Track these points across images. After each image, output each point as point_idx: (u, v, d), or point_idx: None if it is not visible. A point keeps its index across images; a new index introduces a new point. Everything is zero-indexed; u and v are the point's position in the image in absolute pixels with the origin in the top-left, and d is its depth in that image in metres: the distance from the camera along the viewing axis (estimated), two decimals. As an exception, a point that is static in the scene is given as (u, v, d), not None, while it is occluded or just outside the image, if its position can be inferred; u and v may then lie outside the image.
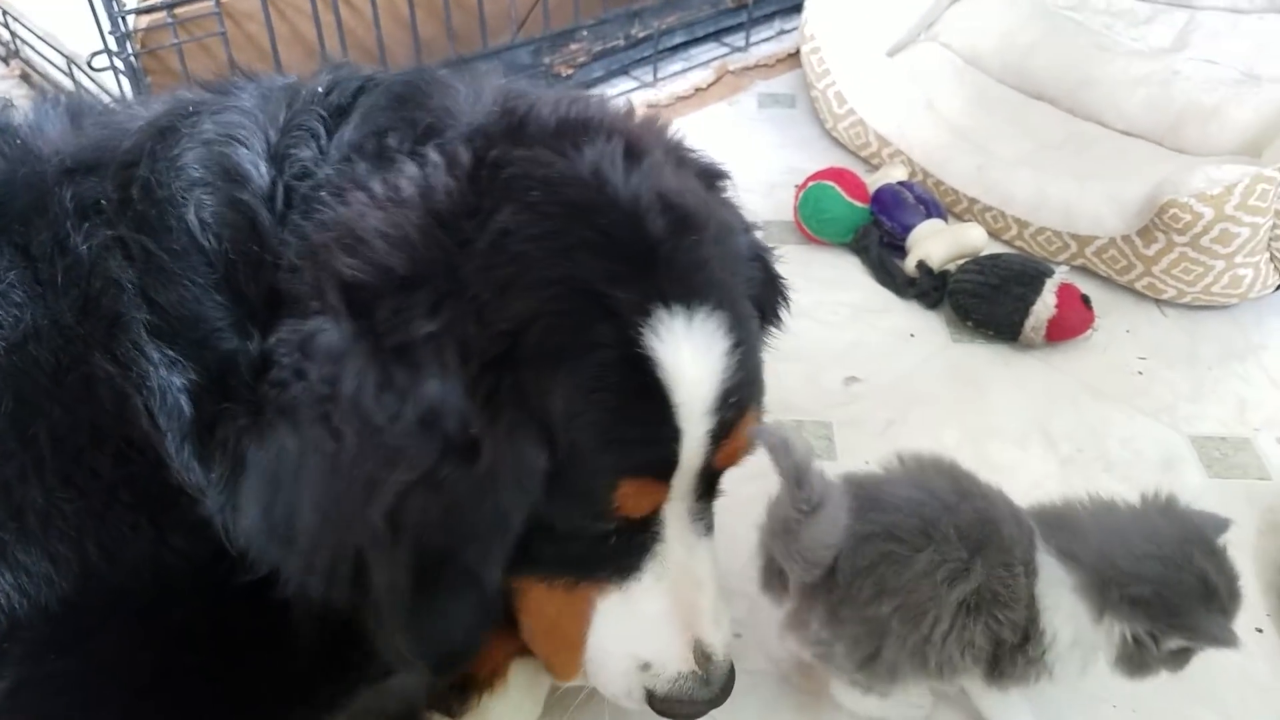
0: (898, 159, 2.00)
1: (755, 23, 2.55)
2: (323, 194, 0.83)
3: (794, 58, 2.30)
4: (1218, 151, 1.84)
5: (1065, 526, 1.02)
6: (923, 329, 1.67)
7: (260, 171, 0.85)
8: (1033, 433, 1.46)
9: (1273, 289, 1.65)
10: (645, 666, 0.92)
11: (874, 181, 1.89)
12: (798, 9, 2.23)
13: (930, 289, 1.70)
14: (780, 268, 1.05)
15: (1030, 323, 1.57)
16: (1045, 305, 1.56)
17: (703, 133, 2.20)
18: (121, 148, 0.87)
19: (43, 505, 0.80)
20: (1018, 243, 1.84)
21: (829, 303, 1.70)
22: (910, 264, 1.74)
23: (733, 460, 0.89)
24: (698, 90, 2.38)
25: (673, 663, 0.91)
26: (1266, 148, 1.73)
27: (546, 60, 2.29)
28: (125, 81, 1.87)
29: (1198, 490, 1.37)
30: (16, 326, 0.80)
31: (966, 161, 1.93)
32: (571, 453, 0.79)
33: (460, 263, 0.77)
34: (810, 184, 1.84)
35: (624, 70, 2.41)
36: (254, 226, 0.83)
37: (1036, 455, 1.43)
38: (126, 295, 0.82)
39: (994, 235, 1.83)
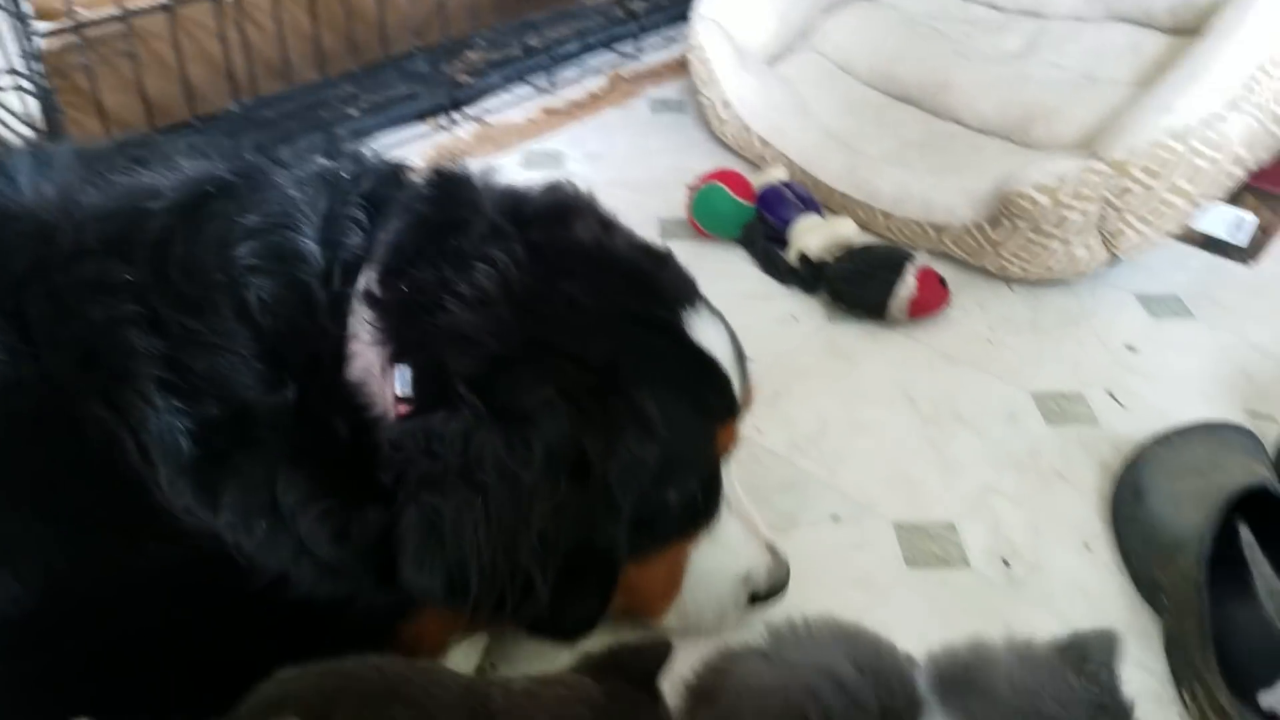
0: (779, 160, 2.19)
1: (645, 31, 2.72)
2: (399, 280, 0.97)
3: (682, 65, 2.47)
4: (1061, 146, 2.09)
5: (972, 685, 0.86)
6: (803, 312, 1.86)
7: (316, 255, 0.97)
8: (897, 396, 1.67)
9: (1107, 264, 1.89)
10: (745, 578, 1.16)
11: (758, 181, 2.07)
12: (685, 18, 2.39)
13: (809, 277, 1.90)
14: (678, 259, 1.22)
15: (895, 302, 1.77)
16: (907, 287, 1.77)
17: (599, 137, 2.39)
18: (150, 228, 0.94)
19: (17, 533, 0.89)
20: (885, 233, 2.05)
21: (721, 292, 1.82)
22: (792, 255, 1.93)
23: (750, 397, 1.17)
24: (593, 96, 2.54)
25: (761, 565, 1.17)
26: (1095, 142, 1.97)
27: (445, 69, 2.40)
28: (32, 102, 1.92)
29: (1037, 436, 1.59)
30: None
31: (839, 161, 2.13)
32: (678, 434, 1.00)
33: (551, 335, 0.95)
34: (701, 185, 2.02)
35: (521, 78, 2.54)
36: (309, 303, 0.96)
37: (900, 415, 1.63)
38: (140, 358, 0.89)
39: (864, 227, 2.03)
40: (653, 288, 1.05)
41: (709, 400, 1.07)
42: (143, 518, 0.91)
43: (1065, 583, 1.35)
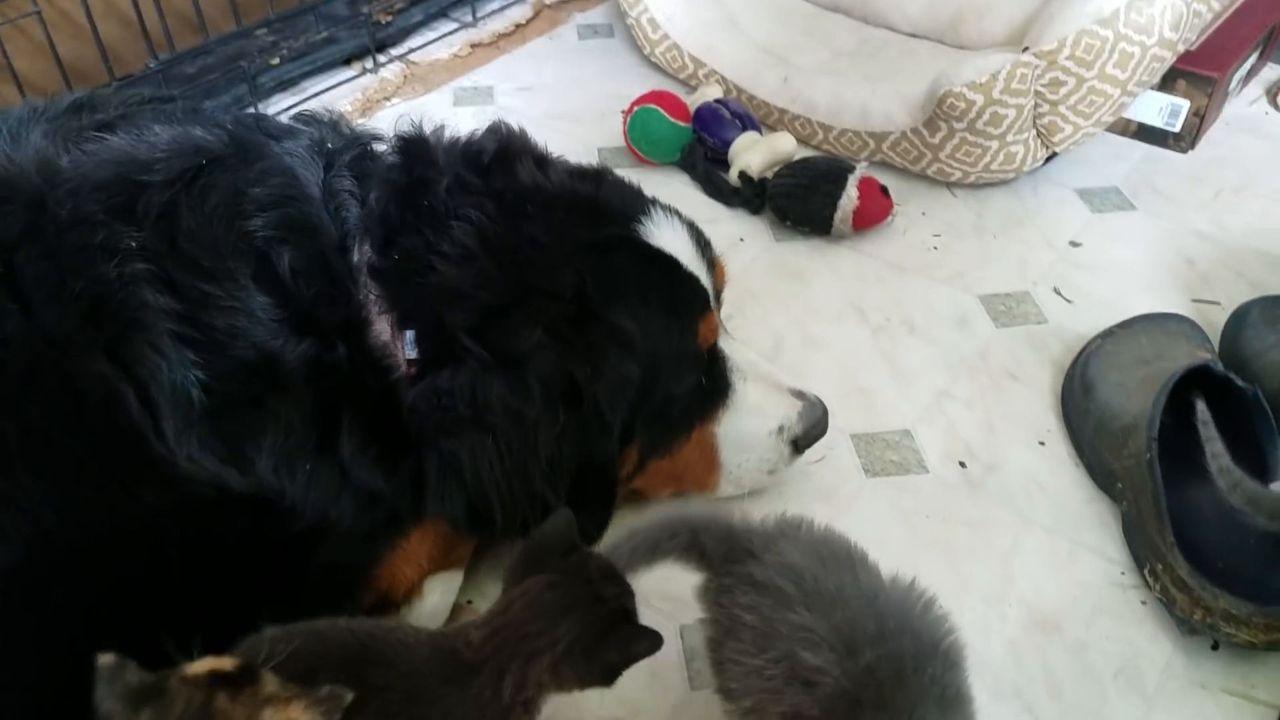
0: (712, 79, 2.16)
1: (567, -44, 2.64)
2: (391, 250, 1.05)
3: (607, -11, 2.41)
4: (992, 44, 2.08)
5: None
6: (749, 233, 1.84)
7: (330, 228, 1.05)
8: (847, 310, 1.67)
9: (1043, 161, 1.89)
10: (780, 430, 1.25)
11: (693, 101, 2.04)
12: (606, -59, 2.33)
13: (752, 196, 1.88)
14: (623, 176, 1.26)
15: (838, 215, 1.76)
16: (849, 199, 1.76)
17: (529, 69, 2.33)
18: (153, 200, 0.98)
19: (4, 490, 0.88)
20: (824, 146, 2.03)
21: None
22: (733, 175, 1.91)
23: (723, 279, 1.26)
24: (518, 27, 2.47)
25: (792, 411, 1.26)
26: (1025, 36, 1.96)
27: (365, 10, 2.33)
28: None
29: (987, 338, 1.60)
30: None
31: (772, 75, 2.10)
32: (657, 340, 1.09)
33: (528, 277, 1.03)
34: (636, 109, 1.98)
35: (443, 13, 2.47)
36: (331, 273, 1.03)
37: (851, 328, 1.63)
38: (153, 313, 0.92)
39: (803, 141, 2.01)
40: (598, 209, 1.12)
41: (681, 298, 1.15)
42: (138, 468, 0.92)
43: (1022, 479, 1.37)
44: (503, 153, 1.15)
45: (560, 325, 1.02)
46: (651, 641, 0.89)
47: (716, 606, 0.94)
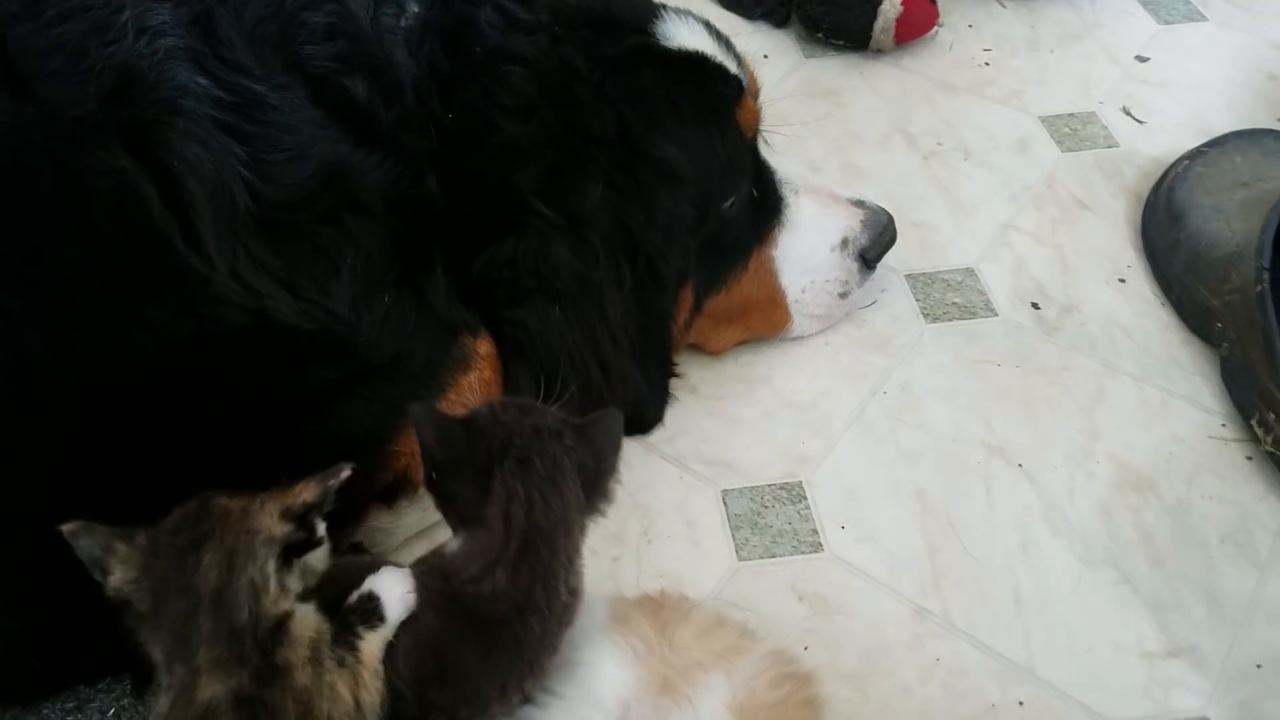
0: (724, -126, 1.88)
1: None
2: (449, 104, 0.95)
3: None
4: None
5: None
6: (774, 49, 1.61)
7: (407, 68, 0.94)
8: (893, 134, 1.46)
9: (1104, -35, 1.66)
10: (844, 244, 1.12)
11: (704, -101, 1.77)
12: None
13: (777, 5, 1.64)
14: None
15: (879, 24, 1.53)
16: (892, 5, 1.53)
17: None
18: (181, 10, 0.82)
19: None
20: (856, -50, 1.78)
21: None
22: (753, -18, 1.66)
23: (754, 80, 1.12)
24: None
25: (854, 220, 1.13)
26: None
27: None
28: None
29: (1052, 164, 1.41)
30: None
31: None
32: (702, 153, 1.00)
33: (581, 120, 0.95)
34: (638, -92, 1.71)
35: None
36: (404, 105, 0.92)
37: (899, 154, 1.43)
38: (194, 96, 0.78)
39: (832, -56, 1.75)
40: (614, 21, 1.02)
41: (714, 93, 1.04)
42: (156, 283, 0.75)
43: (1103, 321, 1.20)
44: None
45: (615, 174, 0.95)
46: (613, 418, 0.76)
47: None
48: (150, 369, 0.75)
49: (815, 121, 1.48)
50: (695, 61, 1.03)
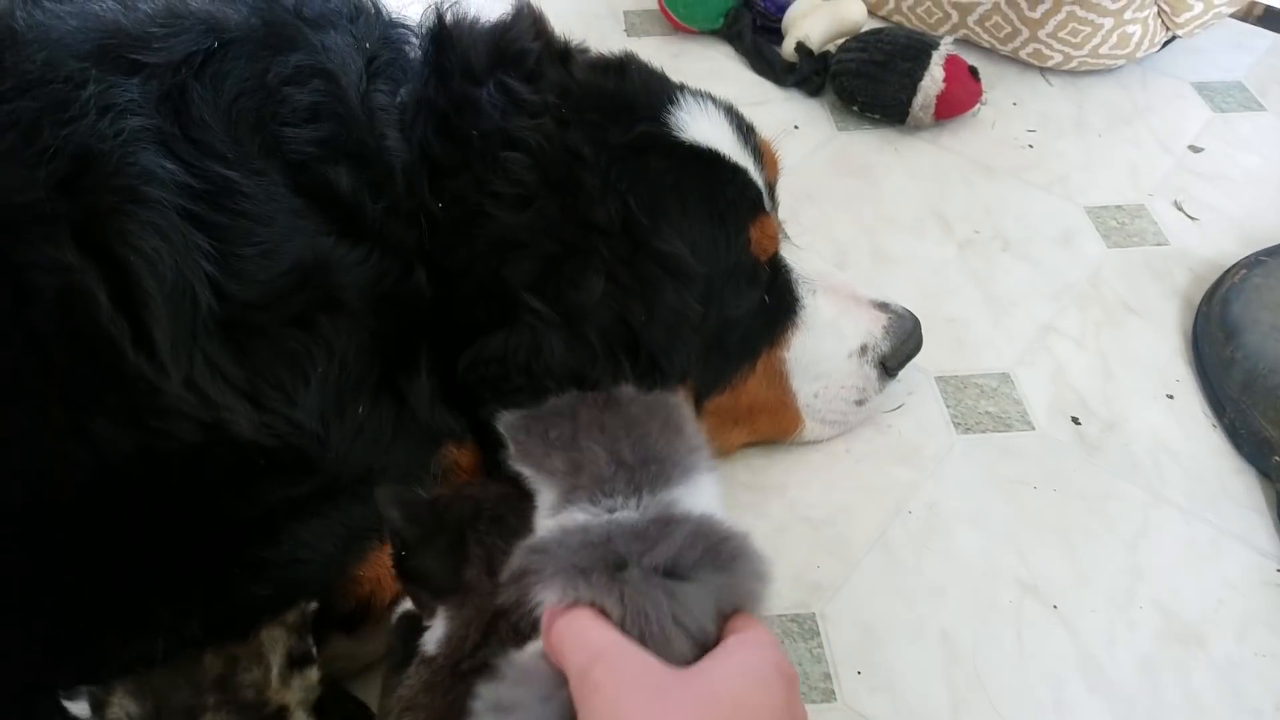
0: (762, -70, 1.81)
1: None
2: (439, 193, 0.87)
3: None
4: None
5: None
6: (806, 119, 1.54)
7: (378, 156, 0.85)
8: (927, 218, 1.38)
9: (1159, 46, 1.58)
10: (862, 350, 1.04)
11: (740, -44, 1.71)
12: None
13: (811, 74, 1.56)
14: (648, 61, 1.04)
15: (919, 100, 1.45)
16: (933, 80, 1.45)
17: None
18: (153, 86, 0.75)
19: None
20: (895, 16, 1.70)
21: None
22: (788, 48, 1.59)
23: (775, 169, 1.05)
24: None
25: (875, 325, 1.05)
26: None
27: None
28: None
29: (1097, 260, 1.32)
30: None
31: (836, -72, 1.76)
32: (708, 256, 0.92)
33: (583, 211, 0.87)
34: (672, -37, 1.65)
35: None
36: (393, 193, 0.84)
37: (933, 240, 1.34)
38: (158, 183, 0.71)
39: (870, 10, 1.68)
40: (626, 105, 0.94)
41: (726, 199, 0.96)
42: (98, 394, 0.68)
43: (1149, 443, 1.11)
44: (543, 53, 0.97)
45: (616, 268, 0.87)
46: None
47: None
48: (87, 490, 0.67)
49: (845, 201, 1.40)
50: (709, 158, 0.95)
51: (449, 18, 0.95)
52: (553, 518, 0.63)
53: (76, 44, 0.74)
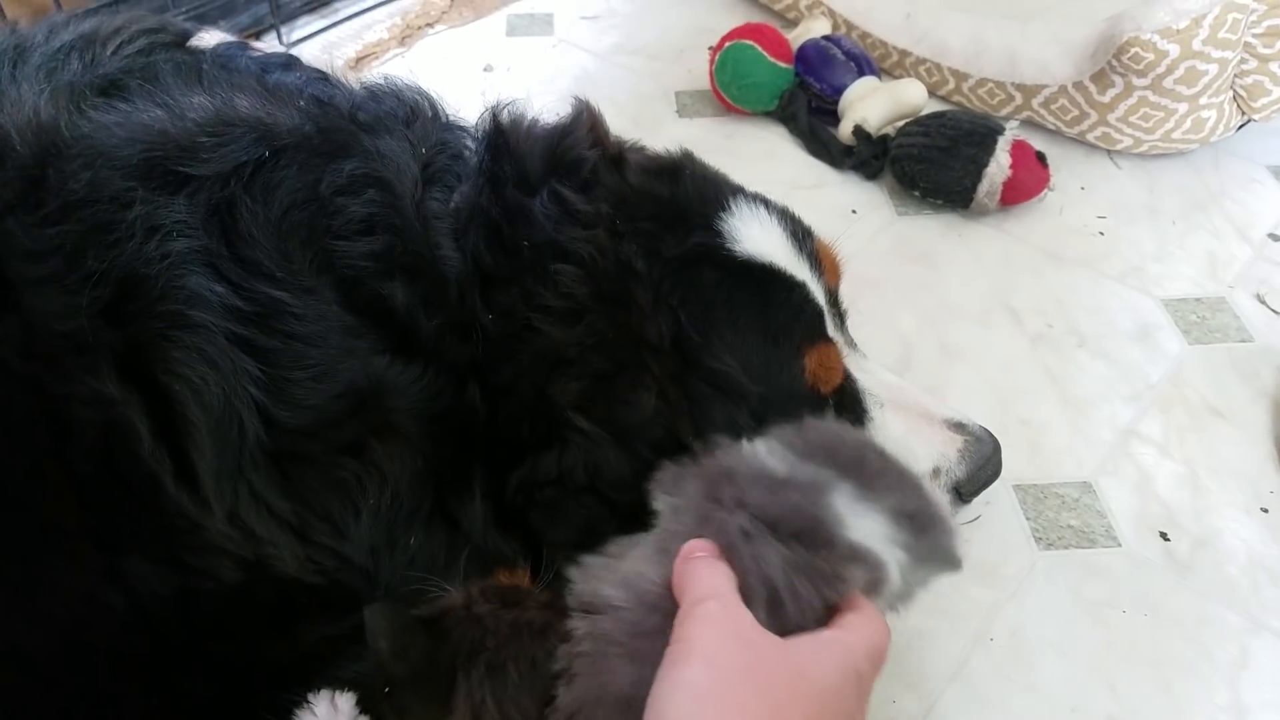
0: (817, 10, 1.79)
1: None
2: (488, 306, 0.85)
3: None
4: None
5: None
6: (864, 203, 1.49)
7: (434, 267, 0.83)
8: (995, 309, 1.32)
9: (1234, 130, 1.52)
10: (934, 474, 0.96)
11: (796, 38, 1.68)
12: None
13: (870, 157, 1.52)
14: (701, 143, 1.01)
15: (984, 187, 1.41)
16: (999, 166, 1.40)
17: (598, -6, 1.98)
18: (200, 199, 0.73)
19: None
20: (955, 98, 1.66)
21: (758, 181, 1.48)
22: (845, 130, 1.55)
23: (837, 275, 1.00)
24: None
25: (950, 447, 0.97)
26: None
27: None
28: None
29: (1178, 358, 1.25)
30: None
31: (892, 9, 1.73)
32: (763, 372, 0.88)
33: (635, 327, 0.84)
34: (726, 45, 1.62)
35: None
36: (447, 309, 0.82)
37: (1003, 334, 1.28)
38: (204, 307, 0.68)
39: (930, 91, 1.64)
40: (679, 213, 0.91)
41: (782, 319, 0.91)
42: (136, 531, 0.65)
43: (1245, 563, 1.03)
44: (599, 160, 0.94)
45: (666, 385, 0.84)
46: None
47: None
48: (118, 635, 0.63)
49: (907, 290, 1.34)
50: (762, 273, 0.91)
51: (506, 120, 0.93)
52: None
53: (123, 158, 0.72)
